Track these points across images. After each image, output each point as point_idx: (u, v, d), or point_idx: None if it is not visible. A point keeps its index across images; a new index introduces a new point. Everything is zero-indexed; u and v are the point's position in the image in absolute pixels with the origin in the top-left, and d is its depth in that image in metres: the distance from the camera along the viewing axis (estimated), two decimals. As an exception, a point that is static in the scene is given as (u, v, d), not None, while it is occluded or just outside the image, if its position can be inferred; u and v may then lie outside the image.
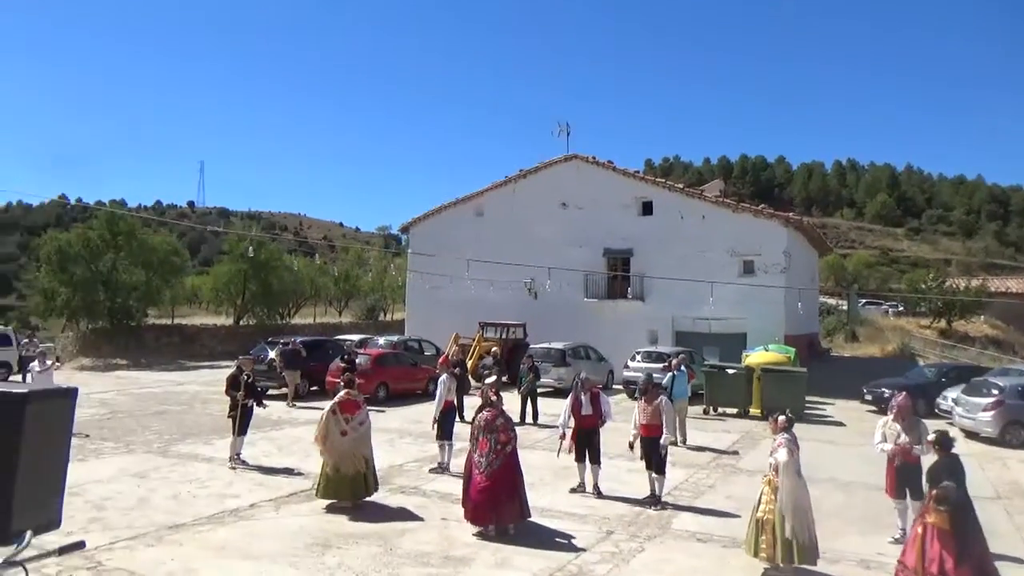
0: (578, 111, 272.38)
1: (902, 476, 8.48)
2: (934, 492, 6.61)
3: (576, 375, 11.56)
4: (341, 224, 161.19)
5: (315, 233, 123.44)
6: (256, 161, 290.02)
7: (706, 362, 20.74)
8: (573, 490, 10.32)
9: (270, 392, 19.56)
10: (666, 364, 16.92)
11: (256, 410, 11.84)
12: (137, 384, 22.62)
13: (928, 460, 7.44)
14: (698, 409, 18.15)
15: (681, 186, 30.06)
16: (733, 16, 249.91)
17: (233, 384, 11.57)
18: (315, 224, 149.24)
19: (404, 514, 9.10)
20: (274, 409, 17.14)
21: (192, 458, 12.05)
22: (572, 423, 10.28)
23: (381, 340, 24.80)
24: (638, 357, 21.48)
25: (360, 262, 54.57)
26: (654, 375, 12.59)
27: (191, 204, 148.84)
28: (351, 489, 9.20)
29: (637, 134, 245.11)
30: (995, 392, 16.28)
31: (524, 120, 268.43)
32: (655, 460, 9.81)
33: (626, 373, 21.29)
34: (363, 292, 51.32)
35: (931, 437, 7.32)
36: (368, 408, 10.18)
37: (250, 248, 26.54)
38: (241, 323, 36.85)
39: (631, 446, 10.19)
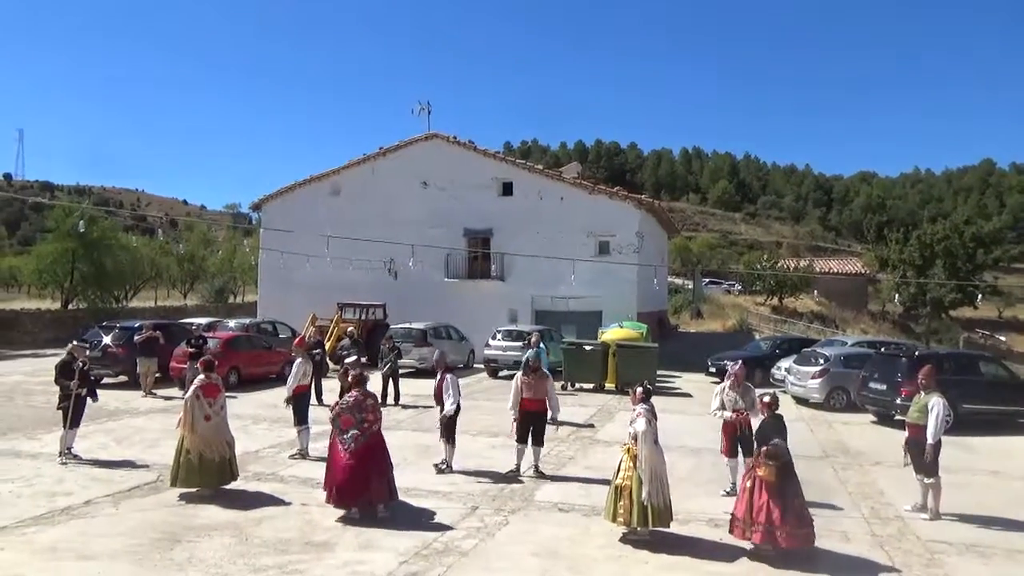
0: (437, 94, 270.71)
1: (735, 437, 9.33)
2: (765, 448, 7.26)
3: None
4: (185, 202, 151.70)
5: (155, 210, 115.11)
6: (85, 131, 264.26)
7: (564, 339, 21.31)
8: (439, 469, 10.26)
9: (105, 381, 18.16)
10: (526, 342, 17.19)
11: (89, 401, 10.90)
12: (-55, 376, 20.14)
13: (758, 421, 8.10)
14: (557, 385, 18.59)
15: (540, 167, 30.53)
16: (591, 11, 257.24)
17: (64, 372, 10.55)
18: (155, 201, 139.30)
19: (261, 501, 8.67)
20: (111, 398, 15.89)
21: (13, 455, 10.87)
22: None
23: (232, 323, 23.55)
24: (499, 336, 21.71)
25: (207, 241, 51.37)
26: (527, 353, 12.84)
27: (7, 177, 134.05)
28: (218, 475, 8.82)
29: (496, 118, 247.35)
30: (822, 361, 17.85)
31: (382, 101, 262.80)
32: (537, 433, 10.02)
33: (487, 352, 21.49)
34: (210, 273, 48.43)
35: (766, 399, 7.92)
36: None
37: (81, 223, 24.03)
38: (70, 307, 33.66)
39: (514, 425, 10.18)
